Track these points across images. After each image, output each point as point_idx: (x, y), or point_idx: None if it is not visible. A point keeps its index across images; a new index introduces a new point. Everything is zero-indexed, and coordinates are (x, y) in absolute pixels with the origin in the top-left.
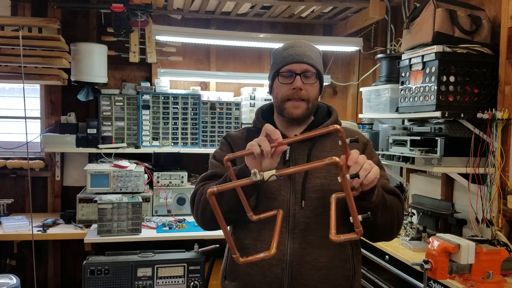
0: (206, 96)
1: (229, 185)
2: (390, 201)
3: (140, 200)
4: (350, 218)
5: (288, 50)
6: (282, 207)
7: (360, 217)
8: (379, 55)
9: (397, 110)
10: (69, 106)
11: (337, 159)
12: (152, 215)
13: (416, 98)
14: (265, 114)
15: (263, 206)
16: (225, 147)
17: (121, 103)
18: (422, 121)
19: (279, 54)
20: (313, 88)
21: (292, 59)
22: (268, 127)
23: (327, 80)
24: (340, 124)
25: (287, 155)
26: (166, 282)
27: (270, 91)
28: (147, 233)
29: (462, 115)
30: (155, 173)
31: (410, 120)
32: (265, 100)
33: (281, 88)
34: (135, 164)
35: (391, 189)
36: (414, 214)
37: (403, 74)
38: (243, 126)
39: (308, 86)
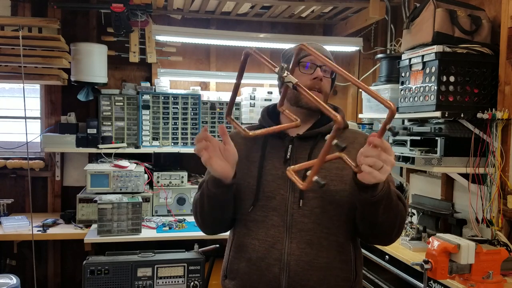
0: (206, 96)
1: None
2: (396, 202)
3: (140, 200)
4: (308, 172)
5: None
6: (281, 206)
7: (315, 177)
8: (379, 55)
9: (397, 110)
10: (69, 106)
11: (339, 118)
12: (152, 215)
13: (416, 98)
14: (271, 113)
15: (261, 205)
16: None
17: (121, 103)
18: (422, 121)
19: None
20: (329, 83)
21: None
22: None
23: None
24: (347, 126)
25: (288, 154)
26: (166, 282)
27: (281, 86)
28: (147, 233)
29: (462, 115)
30: (155, 173)
31: (410, 120)
32: (265, 100)
33: (300, 78)
34: (135, 164)
35: (397, 194)
36: (414, 214)
37: (403, 74)
38: (243, 126)
39: (326, 79)
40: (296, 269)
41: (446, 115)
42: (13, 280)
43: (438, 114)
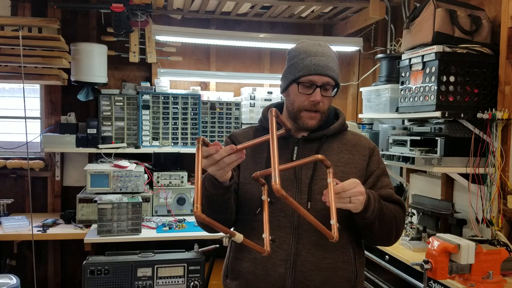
0: (206, 96)
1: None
2: (389, 215)
3: (140, 200)
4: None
5: (311, 58)
6: (288, 207)
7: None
8: (379, 55)
9: (397, 110)
10: (69, 106)
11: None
12: (152, 215)
13: (416, 98)
14: None
15: (269, 206)
16: None
17: (121, 103)
18: (422, 121)
19: (301, 59)
20: (329, 100)
21: (315, 70)
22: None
23: None
24: (346, 127)
25: (294, 155)
26: (166, 282)
27: (283, 91)
28: (147, 233)
29: (462, 115)
30: (155, 173)
31: (410, 120)
32: (265, 100)
33: (299, 98)
34: (135, 164)
35: (396, 199)
36: (414, 214)
37: (403, 74)
38: (243, 126)
39: (325, 98)
40: (302, 270)
41: (446, 115)
42: (13, 280)
43: (438, 114)
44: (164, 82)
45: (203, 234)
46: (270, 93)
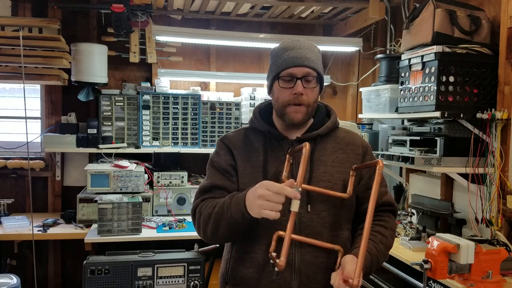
0: (206, 96)
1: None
2: (384, 254)
3: (140, 200)
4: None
5: (288, 52)
6: (287, 210)
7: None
8: (379, 55)
9: (396, 110)
10: (70, 106)
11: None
12: (152, 215)
13: (415, 98)
14: (263, 113)
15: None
16: (223, 151)
17: (121, 103)
18: (421, 121)
19: (279, 55)
20: (314, 92)
21: (293, 62)
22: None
23: (326, 80)
24: (338, 124)
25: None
26: (166, 282)
27: (269, 92)
28: (147, 233)
29: (461, 115)
30: (155, 173)
31: (409, 120)
32: (265, 100)
33: (282, 93)
34: (135, 164)
35: (385, 202)
36: (414, 214)
37: (402, 74)
38: (241, 126)
39: (309, 90)
40: (307, 273)
41: (446, 115)
42: (14, 280)
43: (437, 114)
44: (164, 82)
45: None
46: None
